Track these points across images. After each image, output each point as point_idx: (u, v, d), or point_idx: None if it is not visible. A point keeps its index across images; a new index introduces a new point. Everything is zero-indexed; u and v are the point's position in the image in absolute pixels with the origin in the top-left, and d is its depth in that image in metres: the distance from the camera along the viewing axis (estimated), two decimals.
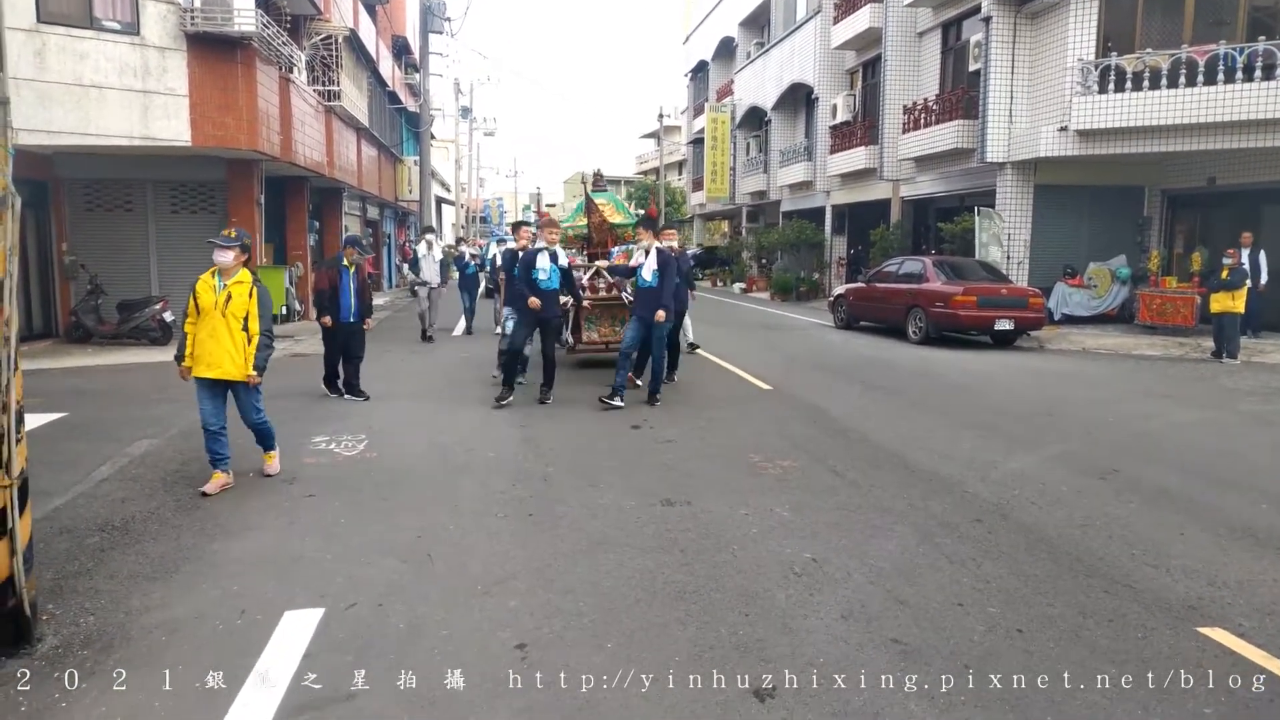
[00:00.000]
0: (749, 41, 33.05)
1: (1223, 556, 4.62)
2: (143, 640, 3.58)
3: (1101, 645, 3.57)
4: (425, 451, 6.81)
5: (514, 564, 4.43)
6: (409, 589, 4.11)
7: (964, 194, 19.12)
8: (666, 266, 8.55)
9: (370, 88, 23.72)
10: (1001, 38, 16.92)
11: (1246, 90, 13.71)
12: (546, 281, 8.50)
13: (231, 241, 5.71)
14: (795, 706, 3.07)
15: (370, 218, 27.81)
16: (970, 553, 4.65)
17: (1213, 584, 4.23)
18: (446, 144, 47.68)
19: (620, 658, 3.44)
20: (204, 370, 5.57)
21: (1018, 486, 5.93)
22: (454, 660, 3.39)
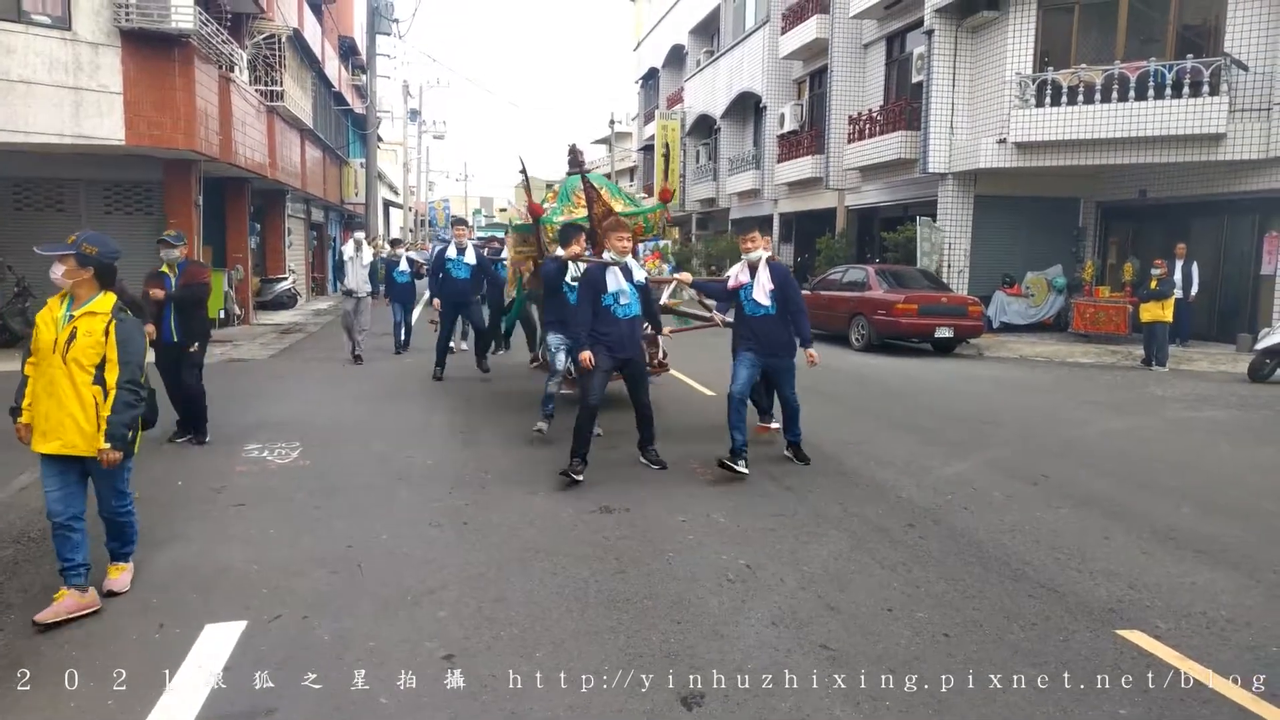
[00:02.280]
0: (699, 49, 33.28)
1: (1144, 560, 4.75)
2: (53, 655, 3.45)
3: (1024, 648, 3.64)
4: (361, 459, 6.70)
5: (446, 573, 4.37)
6: (337, 600, 4.03)
7: (907, 203, 19.45)
8: (788, 285, 6.40)
9: (315, 89, 23.35)
10: (943, 51, 17.26)
11: (1175, 106, 14.17)
12: (626, 308, 6.11)
13: (65, 249, 3.85)
14: (722, 713, 3.08)
15: (315, 220, 27.36)
16: (901, 558, 4.70)
17: (1133, 587, 4.34)
18: (395, 147, 47.14)
19: (548, 666, 3.41)
20: (40, 442, 3.83)
21: (951, 492, 6.03)
22: (379, 672, 3.33)
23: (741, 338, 6.54)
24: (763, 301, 6.34)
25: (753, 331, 6.42)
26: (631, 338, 6.15)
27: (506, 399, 9.30)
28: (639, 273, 6.30)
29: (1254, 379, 11.73)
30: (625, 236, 6.18)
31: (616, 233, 6.19)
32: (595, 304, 6.05)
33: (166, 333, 6.82)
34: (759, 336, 6.40)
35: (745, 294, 6.44)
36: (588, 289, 6.08)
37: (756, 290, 6.37)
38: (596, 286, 6.06)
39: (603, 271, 6.08)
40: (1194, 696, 3.25)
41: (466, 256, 10.67)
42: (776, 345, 6.42)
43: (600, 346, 6.01)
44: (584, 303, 6.08)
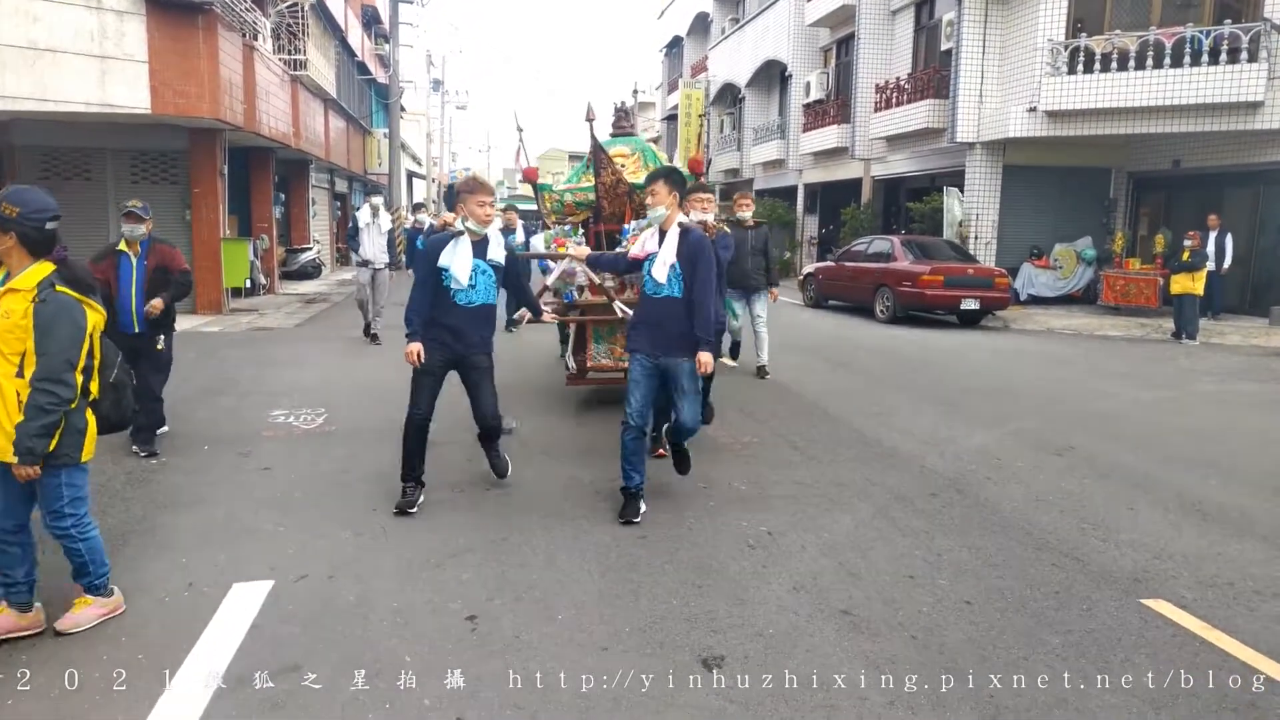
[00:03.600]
0: (724, 17, 32.84)
1: (1170, 531, 4.70)
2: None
3: (1047, 616, 3.62)
4: (386, 426, 6.72)
5: (469, 537, 4.41)
6: (361, 561, 4.08)
7: (934, 174, 19.18)
8: (699, 259, 4.63)
9: (338, 58, 23.31)
10: (973, 17, 16.92)
11: (1211, 73, 13.83)
12: (466, 292, 4.78)
13: None
14: (741, 674, 3.09)
15: (339, 190, 27.45)
16: (924, 526, 4.69)
17: (1159, 557, 4.30)
18: (417, 117, 47.03)
19: (570, 627, 3.44)
20: None
21: (975, 462, 5.99)
22: (403, 632, 3.37)
23: (635, 329, 4.89)
24: (659, 278, 4.67)
25: (652, 318, 4.74)
26: (477, 330, 4.86)
27: (535, 366, 9.32)
28: (497, 249, 4.89)
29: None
30: (482, 200, 4.75)
31: (474, 195, 4.75)
32: (437, 282, 4.75)
33: (126, 320, 5.66)
34: (656, 326, 4.70)
35: (649, 267, 4.75)
36: (428, 262, 4.76)
37: (658, 264, 4.68)
38: (434, 259, 4.73)
39: (447, 241, 4.77)
40: (1220, 665, 3.23)
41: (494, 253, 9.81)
42: (674, 340, 4.65)
43: (433, 339, 4.77)
44: (420, 280, 4.79)
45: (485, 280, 4.81)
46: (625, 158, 7.29)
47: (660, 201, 4.70)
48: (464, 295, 4.77)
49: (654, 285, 4.71)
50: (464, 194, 4.81)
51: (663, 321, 4.68)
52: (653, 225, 4.80)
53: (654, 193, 4.72)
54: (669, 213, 4.72)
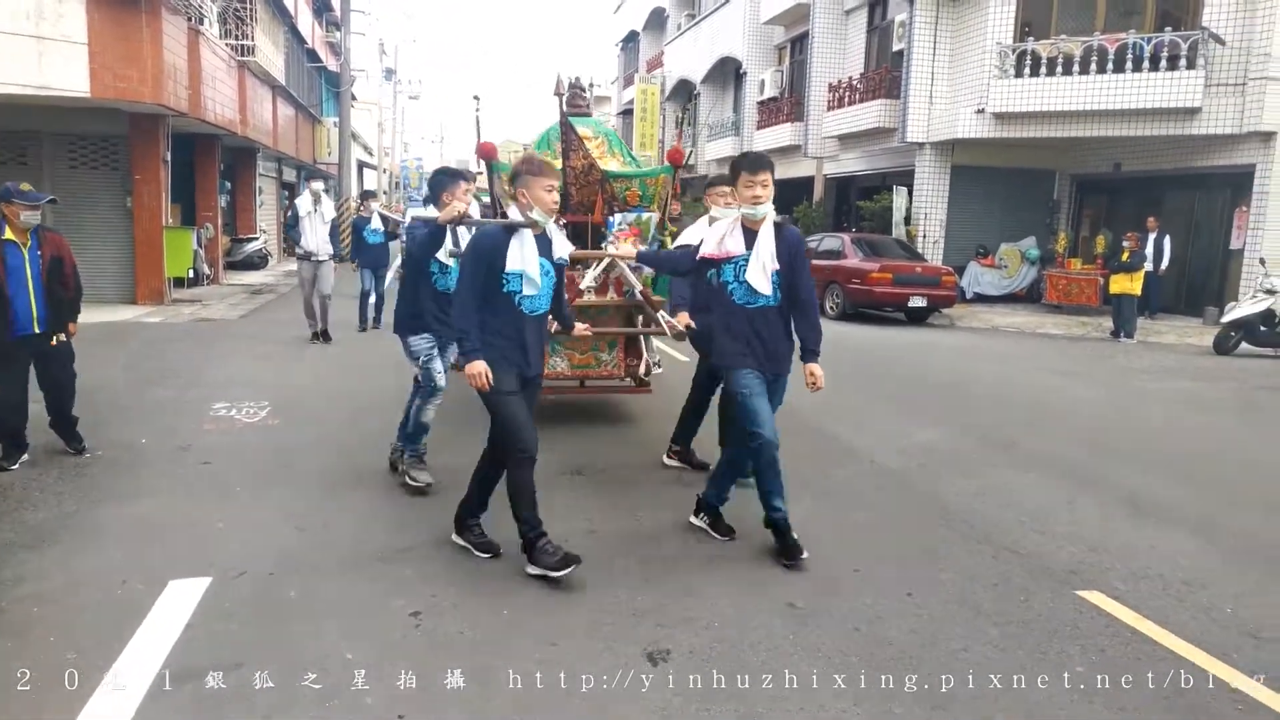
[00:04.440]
0: (680, 13, 32.88)
1: (1106, 524, 4.83)
2: (14, 612, 3.40)
3: (986, 608, 3.69)
4: (331, 419, 6.65)
5: (415, 532, 4.35)
6: (303, 557, 4.01)
7: (885, 173, 19.43)
8: (800, 260, 4.19)
9: (288, 44, 22.83)
10: (925, 19, 17.16)
11: (1152, 79, 14.21)
12: (535, 299, 3.91)
13: None
14: (687, 667, 3.10)
15: (287, 179, 26.93)
16: (870, 520, 4.75)
17: (1094, 550, 4.41)
18: (369, 106, 46.31)
19: (516, 623, 3.41)
20: None
21: (922, 457, 6.08)
22: (345, 628, 3.32)
23: (734, 342, 4.15)
24: (760, 288, 4.05)
25: (748, 332, 4.12)
26: (539, 346, 4.02)
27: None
28: (561, 244, 4.05)
29: (1219, 352, 11.90)
30: (551, 185, 3.85)
31: (539, 177, 3.82)
32: (490, 286, 3.81)
33: (24, 320, 5.09)
34: (755, 341, 4.12)
35: (734, 271, 4.10)
36: (477, 263, 3.79)
37: (754, 269, 4.04)
38: (492, 260, 3.78)
39: (506, 236, 3.81)
40: (1150, 654, 3.32)
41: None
42: (776, 355, 4.17)
43: (499, 356, 3.80)
44: (469, 282, 3.79)
45: (548, 283, 3.93)
46: (588, 141, 6.56)
47: (769, 196, 4.07)
48: (531, 302, 3.87)
49: (747, 293, 4.07)
50: (525, 175, 3.83)
51: (762, 335, 4.10)
52: (730, 221, 4.19)
53: (767, 183, 4.04)
54: (748, 209, 4.10)
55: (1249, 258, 13.89)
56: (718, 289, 4.23)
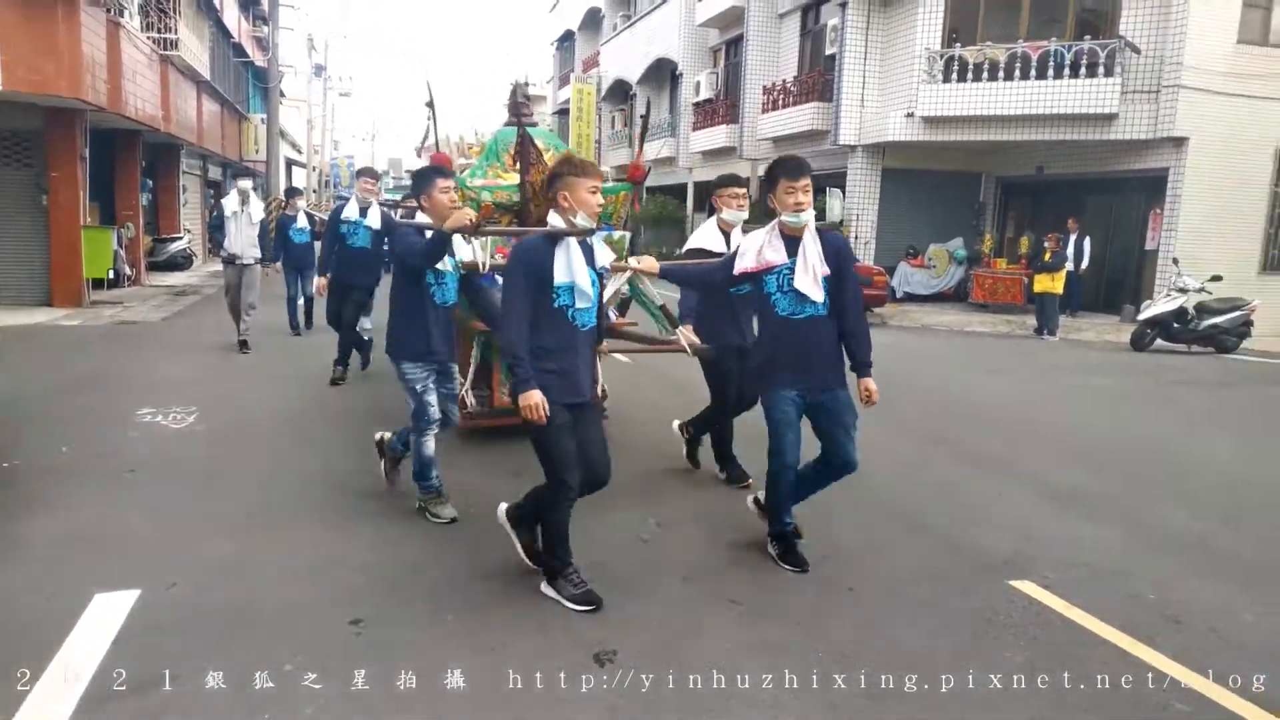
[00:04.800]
0: (616, 13, 32.90)
1: (1036, 516, 4.98)
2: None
3: (924, 599, 3.78)
4: (262, 424, 6.48)
5: (355, 539, 4.28)
6: (238, 567, 3.90)
7: (818, 174, 19.67)
8: (847, 266, 3.97)
9: (213, 38, 22.19)
10: (856, 24, 17.48)
11: (1072, 85, 14.71)
12: (586, 312, 3.58)
13: None
14: (633, 667, 3.10)
15: (212, 178, 26.16)
16: (810, 515, 4.81)
17: (1026, 541, 4.54)
18: (298, 103, 45.30)
19: (461, 630, 3.38)
20: None
21: (859, 454, 6.18)
22: (284, 638, 3.24)
23: (774, 356, 3.99)
24: (812, 295, 3.84)
25: (796, 345, 3.90)
26: (591, 365, 3.71)
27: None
28: (603, 252, 3.78)
29: (1136, 348, 12.39)
30: (595, 186, 3.56)
31: (583, 178, 3.54)
32: (539, 302, 3.47)
33: None
34: (804, 354, 3.91)
35: (777, 282, 3.89)
36: (526, 279, 3.45)
37: (801, 276, 3.83)
38: (540, 273, 3.46)
39: (549, 246, 3.50)
40: (1079, 641, 3.44)
41: (369, 219, 7.83)
42: (828, 368, 3.95)
43: (552, 380, 3.45)
44: (517, 300, 3.44)
45: (596, 294, 3.62)
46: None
47: (810, 203, 3.85)
48: (584, 315, 3.56)
49: (793, 304, 3.86)
50: (568, 177, 3.53)
51: (810, 348, 3.89)
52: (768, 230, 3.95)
53: (807, 189, 3.81)
54: (796, 217, 3.83)
55: (1163, 258, 14.49)
56: (759, 303, 4.04)
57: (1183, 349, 12.37)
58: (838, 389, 3.96)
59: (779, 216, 3.88)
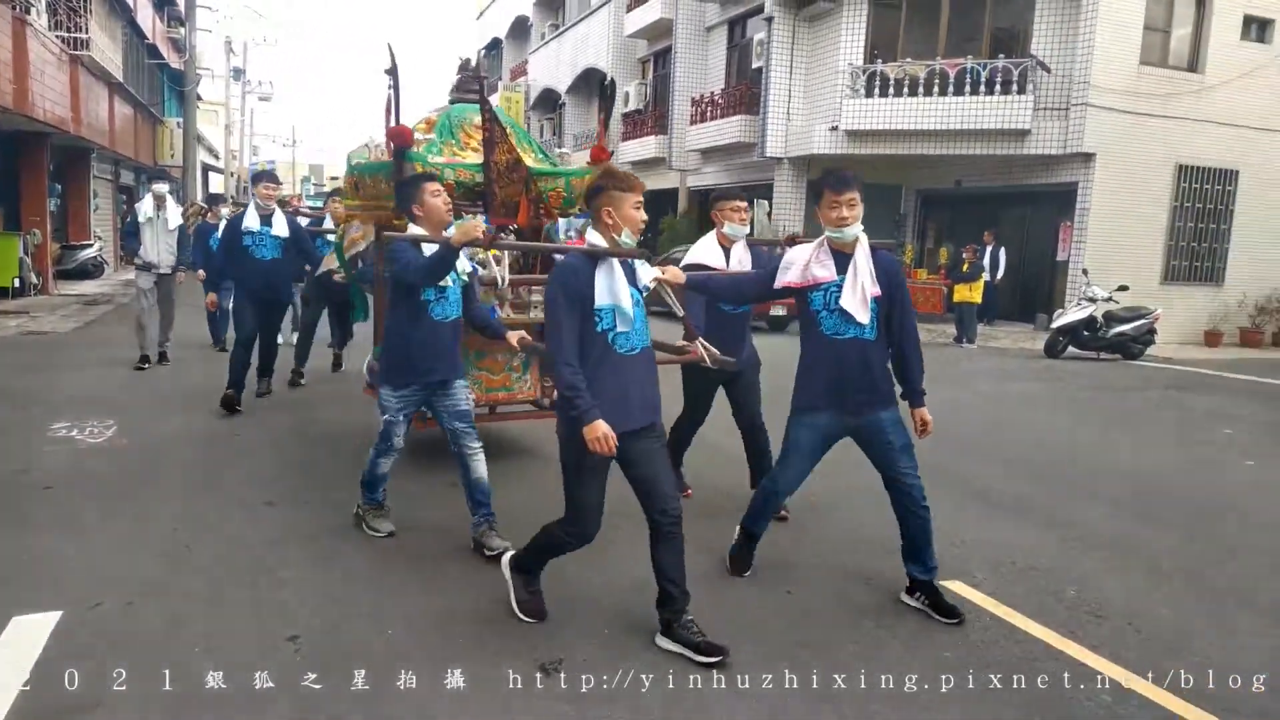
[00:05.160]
0: (544, 22, 32.87)
1: (962, 519, 5.15)
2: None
3: (859, 601, 3.88)
4: (185, 438, 6.28)
5: (284, 552, 4.18)
6: (165, 584, 3.77)
7: (746, 186, 20.04)
8: (900, 286, 3.78)
9: (127, 39, 21.44)
10: (782, 38, 17.84)
11: (988, 102, 15.28)
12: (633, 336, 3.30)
13: None
14: (579, 675, 3.11)
15: (125, 183, 25.23)
16: None
17: (953, 543, 4.69)
18: (216, 107, 43.98)
19: (401, 643, 3.33)
20: None
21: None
22: (216, 658, 3.15)
23: (810, 377, 3.79)
24: (858, 315, 3.61)
25: (835, 367, 3.69)
26: (644, 390, 3.33)
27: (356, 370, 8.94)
28: (645, 269, 3.47)
29: (1049, 355, 12.92)
30: (639, 201, 3.28)
31: (628, 193, 3.25)
32: (586, 329, 3.20)
33: None
34: (841, 377, 3.69)
35: (823, 299, 3.67)
36: (571, 304, 3.16)
37: (849, 295, 3.61)
38: (584, 296, 3.18)
39: (590, 266, 3.21)
40: (1007, 636, 3.58)
41: (275, 227, 7.17)
42: (867, 393, 3.71)
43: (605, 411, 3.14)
44: (564, 327, 3.15)
45: (640, 315, 3.35)
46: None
47: (858, 217, 3.66)
48: (627, 339, 3.26)
49: (838, 323, 3.65)
50: (611, 190, 3.25)
51: (849, 371, 3.67)
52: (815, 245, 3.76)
53: (853, 203, 3.64)
54: (845, 231, 3.66)
55: (1073, 268, 15.14)
56: (802, 320, 3.82)
57: (1092, 356, 12.93)
58: (879, 412, 3.74)
59: (825, 231, 3.70)
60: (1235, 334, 16.30)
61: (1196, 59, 15.82)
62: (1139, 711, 3.06)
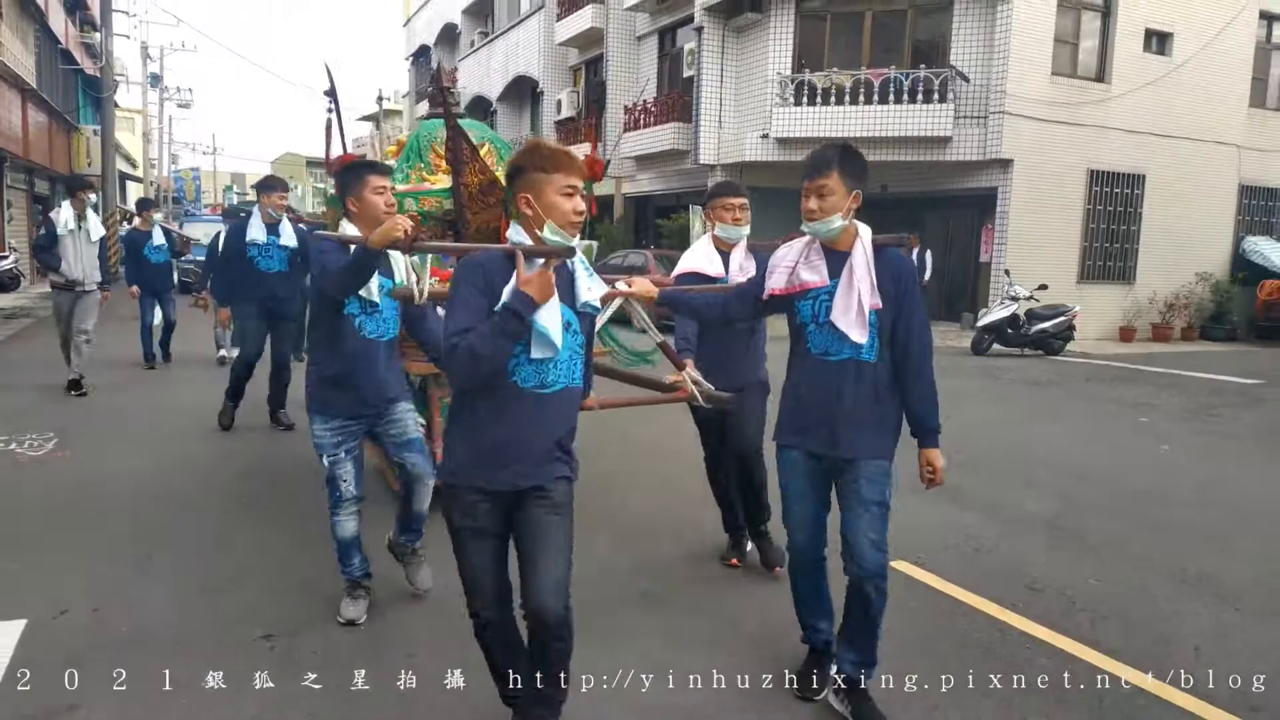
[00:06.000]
0: (473, 30, 32.76)
1: (903, 504, 5.34)
2: None
3: None
4: (132, 447, 6.17)
5: (249, 554, 4.19)
6: (129, 591, 3.76)
7: (680, 192, 20.33)
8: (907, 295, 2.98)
9: (39, 44, 20.70)
10: (712, 48, 18.18)
11: (911, 110, 15.84)
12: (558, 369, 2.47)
13: None
14: (579, 675, 3.16)
15: (39, 192, 24.30)
16: (704, 515, 5.06)
17: (900, 529, 4.83)
18: (132, 114, 42.65)
19: (376, 638, 3.39)
20: None
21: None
22: (193, 656, 3.16)
23: (793, 404, 3.07)
24: (851, 333, 2.86)
25: (822, 393, 2.95)
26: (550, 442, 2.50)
27: None
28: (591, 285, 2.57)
29: (975, 352, 13.44)
30: (573, 186, 2.44)
31: (557, 174, 2.41)
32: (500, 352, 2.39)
33: None
34: (829, 406, 2.94)
35: (812, 310, 2.96)
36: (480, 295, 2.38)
37: (841, 306, 2.89)
38: (494, 298, 2.37)
39: (508, 267, 2.40)
40: (950, 610, 3.81)
41: (283, 238, 6.66)
42: (858, 428, 2.95)
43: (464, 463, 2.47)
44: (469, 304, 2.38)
45: (572, 344, 2.49)
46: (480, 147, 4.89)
47: (833, 207, 2.92)
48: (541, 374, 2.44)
49: (828, 341, 2.89)
50: (532, 172, 2.39)
51: (838, 399, 2.89)
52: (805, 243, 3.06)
53: (824, 191, 2.95)
54: (845, 223, 2.93)
55: (995, 269, 15.77)
56: (791, 334, 3.05)
57: (1016, 352, 13.51)
58: (866, 459, 2.92)
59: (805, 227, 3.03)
60: (1147, 329, 17.18)
61: (1103, 69, 16.65)
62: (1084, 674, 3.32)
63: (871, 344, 2.87)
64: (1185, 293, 17.51)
